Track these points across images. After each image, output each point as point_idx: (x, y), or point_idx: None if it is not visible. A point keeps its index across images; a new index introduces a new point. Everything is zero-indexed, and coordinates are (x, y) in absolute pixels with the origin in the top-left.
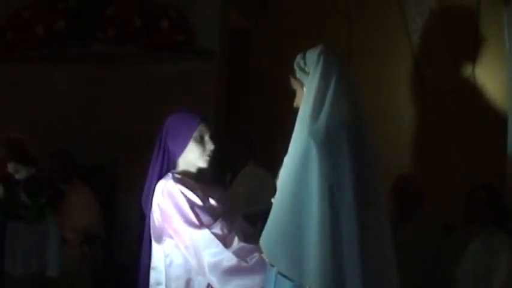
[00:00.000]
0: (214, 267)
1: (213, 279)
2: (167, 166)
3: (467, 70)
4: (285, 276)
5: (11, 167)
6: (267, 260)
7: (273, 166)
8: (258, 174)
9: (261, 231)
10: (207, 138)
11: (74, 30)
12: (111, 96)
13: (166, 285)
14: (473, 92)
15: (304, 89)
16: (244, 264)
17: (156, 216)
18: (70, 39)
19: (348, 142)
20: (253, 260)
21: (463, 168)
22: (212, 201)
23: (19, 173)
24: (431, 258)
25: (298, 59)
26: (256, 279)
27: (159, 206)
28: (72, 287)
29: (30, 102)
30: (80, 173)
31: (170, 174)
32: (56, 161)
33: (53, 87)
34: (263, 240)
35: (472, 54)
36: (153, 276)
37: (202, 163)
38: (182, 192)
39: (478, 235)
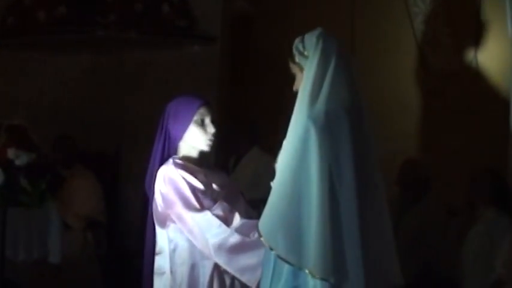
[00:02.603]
0: (219, 247)
1: (220, 260)
2: (169, 151)
3: (470, 55)
4: (284, 260)
5: (11, 152)
6: (266, 243)
7: (277, 151)
8: (262, 159)
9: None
10: (208, 121)
11: (75, 16)
12: (113, 82)
13: (171, 271)
14: (475, 77)
15: (304, 72)
16: (247, 239)
17: (158, 202)
18: (71, 25)
19: (348, 125)
20: (256, 235)
21: (466, 152)
22: (214, 186)
23: (19, 158)
24: (436, 241)
25: (297, 42)
26: (263, 253)
27: (160, 192)
28: (76, 274)
29: (32, 88)
30: (83, 159)
31: (171, 160)
32: (58, 148)
33: (55, 74)
34: (262, 223)
35: (474, 39)
36: (158, 262)
37: (204, 146)
38: (183, 177)
39: (480, 218)
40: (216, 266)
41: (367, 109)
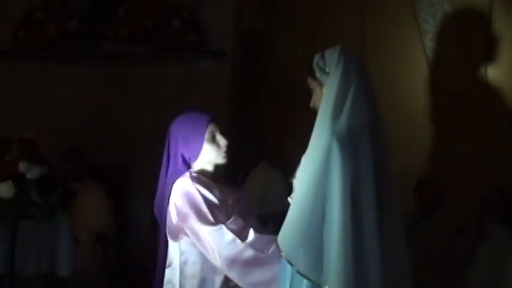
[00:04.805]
0: (232, 261)
1: (233, 274)
2: (184, 169)
3: (480, 71)
4: (304, 276)
5: (22, 166)
6: (286, 259)
7: (284, 166)
8: (270, 175)
9: (276, 231)
10: (218, 136)
11: (86, 30)
12: (123, 97)
13: (180, 284)
14: (486, 93)
15: (324, 89)
16: (262, 255)
17: (172, 215)
18: (82, 39)
19: (369, 142)
20: (271, 250)
21: (477, 170)
22: (229, 201)
23: (30, 172)
24: (444, 257)
25: (317, 58)
26: (277, 269)
27: (175, 205)
28: (85, 287)
29: (43, 102)
30: (92, 172)
31: (188, 174)
32: (68, 161)
33: (65, 87)
34: (282, 239)
35: (485, 56)
36: (168, 274)
37: (220, 160)
38: (199, 191)
39: (490, 236)
40: (226, 282)
41: (384, 127)
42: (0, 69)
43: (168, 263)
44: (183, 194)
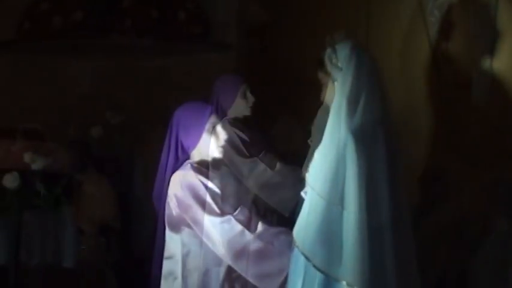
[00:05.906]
0: (240, 253)
1: (239, 266)
2: (182, 158)
3: (485, 63)
4: (321, 271)
5: (27, 157)
6: (303, 254)
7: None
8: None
9: (280, 223)
10: (219, 129)
11: (91, 21)
12: (128, 87)
13: (182, 275)
14: (491, 86)
15: (335, 83)
16: (270, 247)
17: (173, 206)
18: (87, 30)
19: (382, 138)
20: (280, 242)
21: (482, 163)
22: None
23: (36, 163)
24: (449, 252)
25: (330, 53)
26: (286, 260)
27: (176, 196)
28: (88, 278)
29: (47, 92)
30: (96, 163)
31: (189, 165)
32: (72, 152)
33: (70, 78)
34: (298, 234)
35: (490, 48)
36: (168, 266)
37: (218, 153)
38: (202, 182)
39: (494, 230)
40: (228, 273)
41: (395, 122)
42: (5, 60)
43: (167, 255)
44: (186, 186)
